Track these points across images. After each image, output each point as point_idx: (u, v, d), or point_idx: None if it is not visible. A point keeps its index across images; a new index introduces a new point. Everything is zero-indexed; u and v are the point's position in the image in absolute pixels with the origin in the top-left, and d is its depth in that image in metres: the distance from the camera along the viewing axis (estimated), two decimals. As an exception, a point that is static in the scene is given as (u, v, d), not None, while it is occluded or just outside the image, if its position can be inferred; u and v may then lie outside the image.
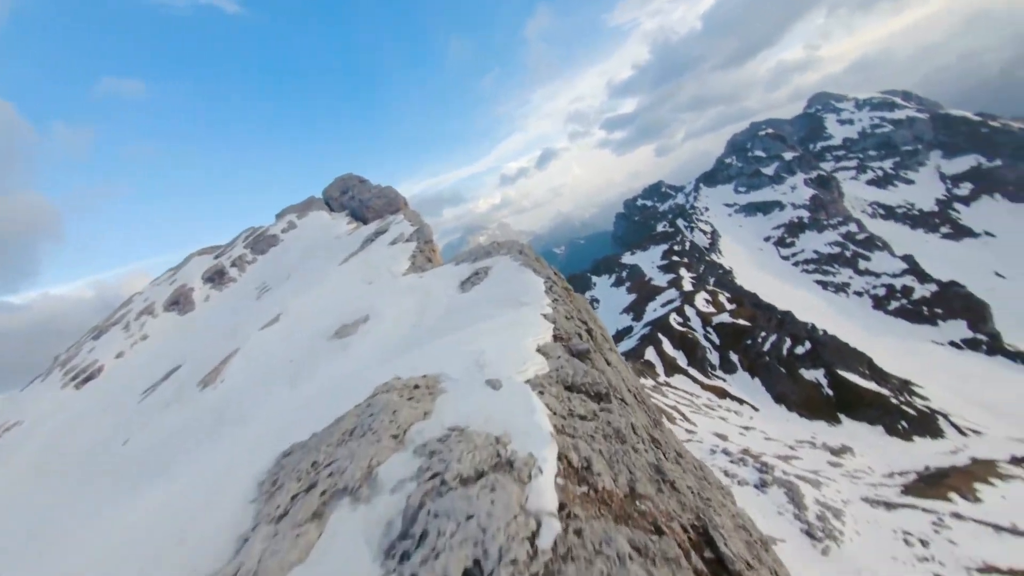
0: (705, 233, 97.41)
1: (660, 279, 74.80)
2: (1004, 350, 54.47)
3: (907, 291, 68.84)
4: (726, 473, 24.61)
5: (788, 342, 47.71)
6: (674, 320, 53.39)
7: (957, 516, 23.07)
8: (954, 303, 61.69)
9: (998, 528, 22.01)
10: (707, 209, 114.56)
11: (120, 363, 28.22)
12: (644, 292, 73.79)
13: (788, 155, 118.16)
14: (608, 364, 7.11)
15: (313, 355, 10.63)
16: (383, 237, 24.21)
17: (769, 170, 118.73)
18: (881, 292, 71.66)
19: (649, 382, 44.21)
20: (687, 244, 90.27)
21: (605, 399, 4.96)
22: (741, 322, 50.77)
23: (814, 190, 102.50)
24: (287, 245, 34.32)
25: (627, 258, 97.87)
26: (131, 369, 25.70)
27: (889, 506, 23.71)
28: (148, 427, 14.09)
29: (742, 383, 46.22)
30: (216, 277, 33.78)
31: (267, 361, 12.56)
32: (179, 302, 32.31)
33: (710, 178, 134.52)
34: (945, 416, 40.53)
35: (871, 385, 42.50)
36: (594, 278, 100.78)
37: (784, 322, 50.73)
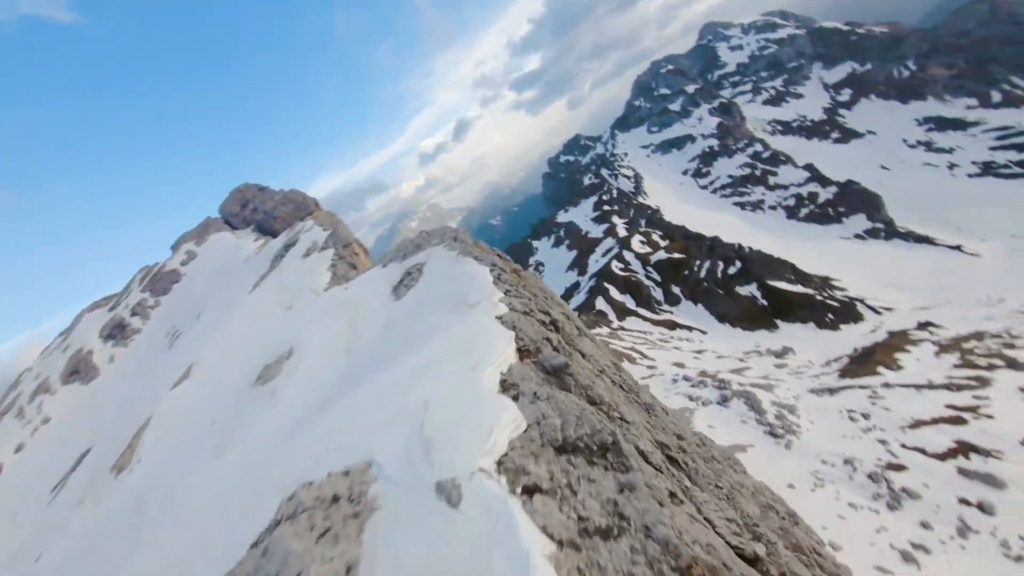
0: (628, 178, 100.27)
1: (596, 231, 76.45)
2: (898, 233, 61.72)
3: (813, 197, 75.45)
4: (690, 397, 25.85)
5: (720, 265, 50.78)
6: (616, 267, 54.91)
7: (886, 385, 25.96)
8: (853, 200, 68.60)
9: (919, 387, 25.04)
10: (626, 154, 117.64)
11: (21, 458, 24.20)
12: (584, 246, 75.20)
13: (690, 88, 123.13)
14: (584, 357, 6.19)
15: (238, 411, 8.96)
16: (294, 250, 21.52)
17: (675, 106, 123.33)
18: (791, 202, 78.02)
19: (604, 330, 45.48)
20: (614, 192, 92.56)
21: (614, 451, 3.42)
22: (676, 256, 53.26)
23: (719, 118, 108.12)
24: (191, 279, 30.50)
25: (562, 216, 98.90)
26: (35, 463, 22.03)
27: (832, 391, 26.16)
28: (63, 533, 11.83)
29: (687, 312, 48.88)
30: (116, 332, 29.54)
31: (185, 428, 10.67)
32: (78, 370, 28.01)
33: (623, 123, 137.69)
34: (861, 301, 45.40)
35: (797, 288, 46.46)
36: (535, 243, 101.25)
37: (714, 247, 53.81)
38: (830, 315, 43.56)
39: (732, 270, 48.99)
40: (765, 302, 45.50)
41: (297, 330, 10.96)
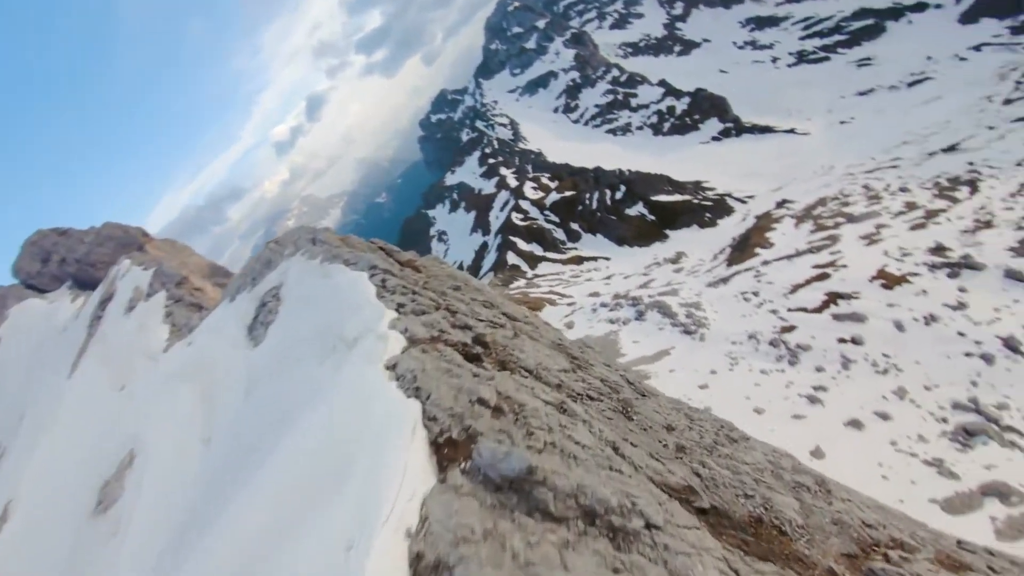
0: (505, 126, 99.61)
1: (487, 187, 75.71)
2: (746, 128, 69.91)
3: (671, 110, 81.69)
4: (610, 321, 27.37)
5: (608, 193, 53.52)
6: (516, 219, 55.26)
7: (765, 263, 29.82)
8: (703, 106, 75.61)
9: (789, 257, 29.13)
10: (496, 102, 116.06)
11: None
12: (481, 205, 74.33)
13: (541, 23, 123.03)
14: (536, 378, 4.49)
15: (73, 561, 6.41)
16: (112, 306, 16.05)
17: (531, 44, 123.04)
18: (654, 120, 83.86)
19: (521, 282, 46.14)
20: (495, 143, 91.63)
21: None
22: (568, 194, 54.99)
23: (574, 49, 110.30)
24: (-1, 372, 23.77)
25: (450, 179, 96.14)
26: None
27: (724, 280, 29.38)
28: None
29: (589, 244, 51.36)
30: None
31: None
32: None
33: (485, 70, 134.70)
34: (729, 195, 51.16)
35: (676, 197, 50.84)
36: (430, 213, 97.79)
37: (598, 178, 56.36)
38: (707, 214, 48.64)
39: (619, 195, 51.97)
40: (653, 217, 49.32)
41: (137, 421, 8.30)
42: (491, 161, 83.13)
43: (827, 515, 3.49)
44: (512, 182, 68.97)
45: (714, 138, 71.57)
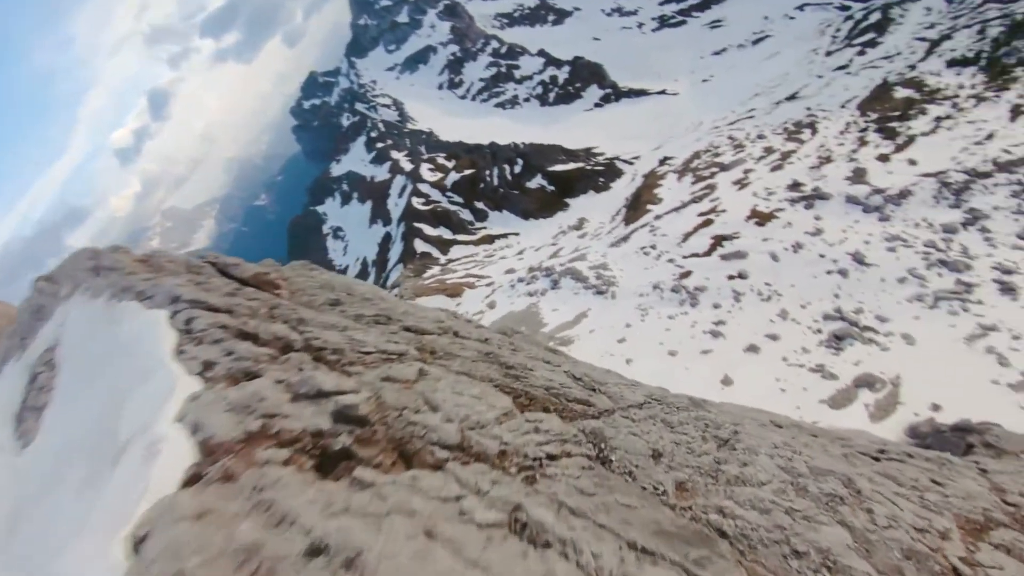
0: (389, 107, 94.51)
1: (380, 173, 71.66)
2: (624, 93, 74.18)
3: (554, 80, 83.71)
4: (529, 294, 27.72)
5: (507, 168, 53.70)
6: (417, 203, 53.17)
7: (657, 217, 32.16)
8: (583, 73, 78.60)
9: (677, 209, 31.68)
10: (375, 82, 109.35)
11: None
12: (376, 193, 70.24)
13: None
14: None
15: None
16: None
17: (403, 17, 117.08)
18: (539, 90, 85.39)
19: (435, 269, 44.81)
20: (380, 126, 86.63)
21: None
22: (467, 172, 54.13)
23: (449, 22, 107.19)
24: None
25: (336, 169, 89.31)
26: None
27: (624, 239, 31.20)
28: None
29: (497, 221, 51.43)
30: None
31: None
32: None
33: (356, 48, 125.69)
34: (617, 158, 54.22)
35: (571, 166, 52.66)
36: (320, 209, 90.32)
37: (495, 153, 56.20)
38: (601, 179, 51.19)
39: (517, 169, 52.42)
40: (552, 187, 50.70)
41: None
42: (379, 145, 78.61)
43: (888, 545, 2.60)
44: (406, 165, 66.04)
45: (596, 104, 75.01)
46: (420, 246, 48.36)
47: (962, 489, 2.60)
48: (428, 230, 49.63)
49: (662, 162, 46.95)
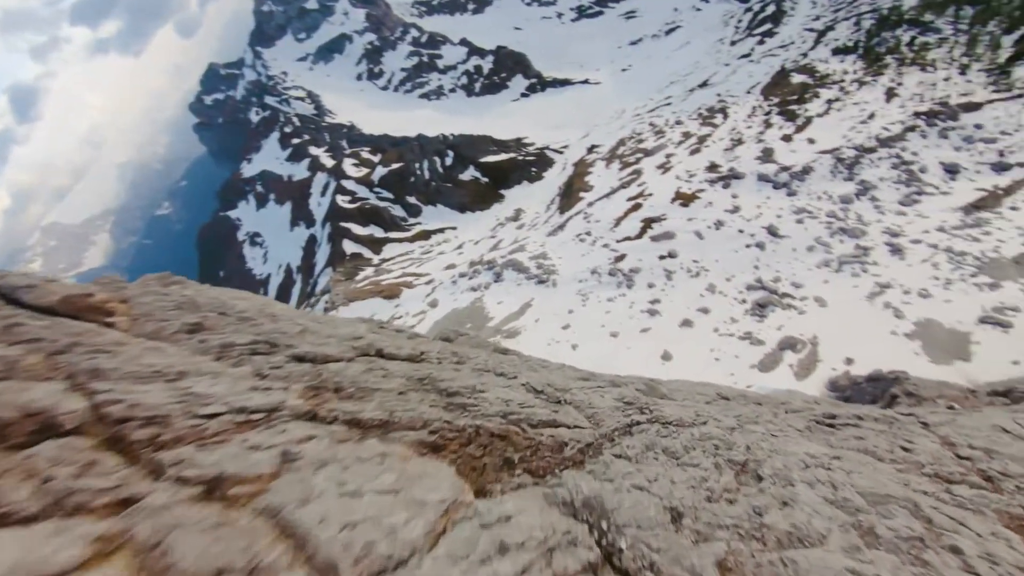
0: (303, 100, 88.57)
1: (298, 171, 67.02)
2: (549, 82, 75.18)
3: (478, 70, 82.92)
4: (473, 289, 27.25)
5: (437, 160, 52.41)
6: (343, 202, 50.34)
7: (590, 204, 32.92)
8: (507, 63, 78.58)
9: (608, 195, 32.61)
10: (286, 74, 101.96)
11: None
12: (295, 194, 65.64)
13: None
14: None
15: None
16: None
17: (311, 3, 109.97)
18: (465, 80, 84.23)
19: (368, 271, 42.76)
20: (295, 121, 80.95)
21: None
22: (395, 166, 52.11)
23: (363, 8, 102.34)
24: None
25: (249, 169, 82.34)
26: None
27: (561, 227, 31.61)
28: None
29: (432, 216, 50.13)
30: None
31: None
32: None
33: (261, 37, 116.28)
34: (547, 148, 54.89)
35: (502, 156, 52.53)
36: (233, 214, 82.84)
37: (423, 146, 54.63)
38: (533, 169, 51.59)
39: (448, 161, 51.34)
40: (486, 179, 50.28)
41: None
42: (295, 141, 73.49)
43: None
44: (327, 162, 62.31)
45: (522, 94, 75.43)
46: (349, 247, 45.90)
47: (927, 451, 2.62)
48: (357, 229, 47.21)
49: (590, 150, 48.17)
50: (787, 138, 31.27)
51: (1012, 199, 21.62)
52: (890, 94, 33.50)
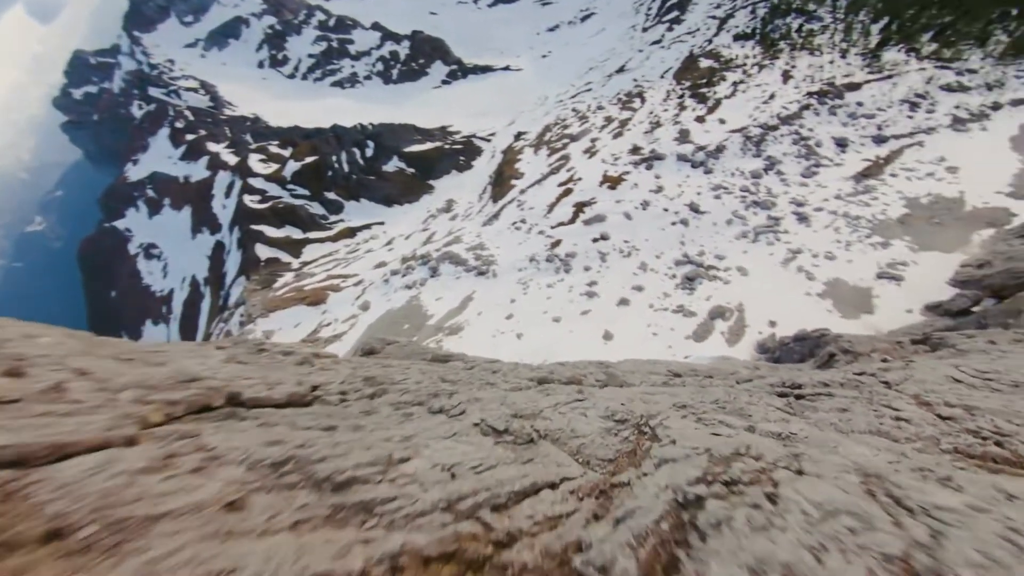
0: (196, 91, 79.75)
1: (196, 171, 60.29)
2: (470, 69, 73.91)
3: (394, 56, 79.53)
4: (407, 287, 26.09)
5: (356, 151, 49.60)
6: (251, 202, 46.03)
7: (522, 191, 32.81)
8: (425, 49, 76.07)
9: (539, 182, 32.68)
10: (172, 62, 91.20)
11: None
12: (194, 196, 59.05)
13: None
14: None
15: None
16: None
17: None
18: (380, 67, 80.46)
19: (288, 276, 39.57)
20: (187, 114, 72.66)
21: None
22: (309, 160, 48.49)
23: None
24: None
25: (135, 172, 72.80)
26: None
27: (495, 216, 31.24)
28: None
29: (356, 212, 47.46)
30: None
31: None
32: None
33: (139, 21, 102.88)
34: (474, 136, 54.05)
35: (427, 145, 50.93)
36: (121, 225, 72.97)
37: (340, 137, 51.42)
38: (461, 157, 50.60)
39: (369, 152, 48.76)
40: (412, 169, 48.46)
41: None
42: (189, 137, 66.06)
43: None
44: (230, 158, 56.70)
45: (444, 81, 73.60)
46: (264, 252, 42.19)
47: (922, 420, 2.50)
48: (271, 232, 43.47)
49: (517, 137, 48.10)
50: (700, 119, 33.12)
51: (891, 167, 24.54)
52: (786, 76, 36.63)
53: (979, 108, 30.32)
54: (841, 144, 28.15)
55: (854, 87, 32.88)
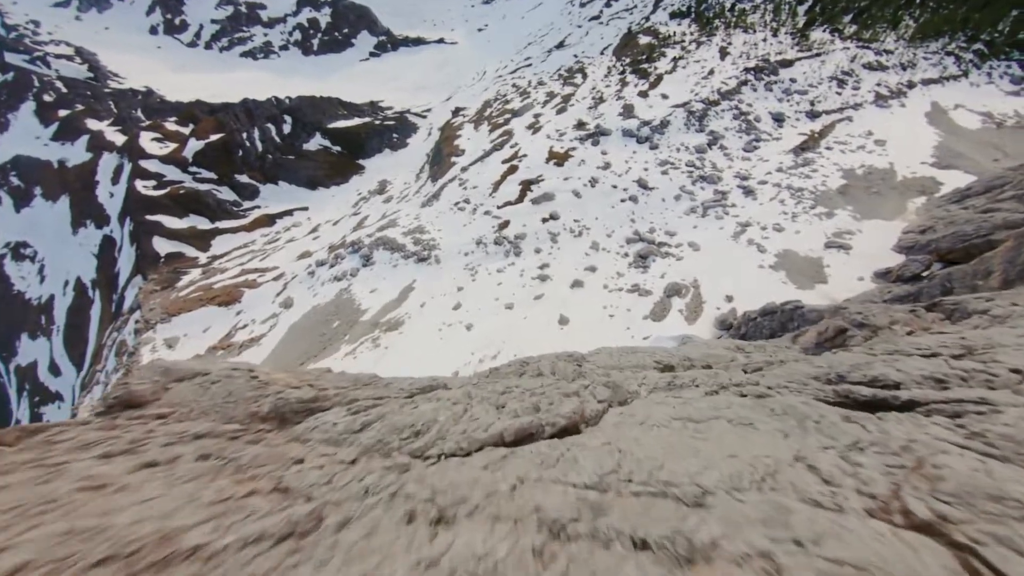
0: (70, 59, 69.38)
1: (73, 153, 52.37)
2: (400, 41, 70.10)
3: (314, 24, 73.80)
4: (336, 279, 23.96)
5: (271, 128, 45.32)
6: (144, 188, 40.60)
7: (463, 169, 31.33)
8: (350, 18, 71.15)
9: (481, 159, 31.32)
10: (36, 24, 78.72)
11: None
12: (73, 183, 51.35)
13: None
14: None
15: None
16: None
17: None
18: (298, 36, 74.39)
19: (194, 273, 35.38)
20: (59, 85, 62.96)
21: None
22: (214, 138, 43.50)
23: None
24: None
25: (-7, 156, 62.16)
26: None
27: (435, 196, 29.57)
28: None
29: (274, 196, 43.45)
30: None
31: None
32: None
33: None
34: (408, 112, 51.35)
35: (355, 121, 47.66)
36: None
37: (250, 111, 46.70)
38: (395, 135, 47.89)
39: (286, 128, 44.67)
40: (338, 148, 45.09)
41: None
42: (63, 113, 57.36)
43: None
44: (116, 138, 49.82)
45: (372, 53, 69.47)
46: (164, 246, 37.44)
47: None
48: (171, 222, 38.65)
49: (456, 113, 46.23)
50: (643, 94, 33.26)
51: (826, 140, 25.84)
52: (723, 52, 37.73)
53: (896, 86, 32.90)
54: (778, 119, 29.35)
55: (787, 64, 34.47)
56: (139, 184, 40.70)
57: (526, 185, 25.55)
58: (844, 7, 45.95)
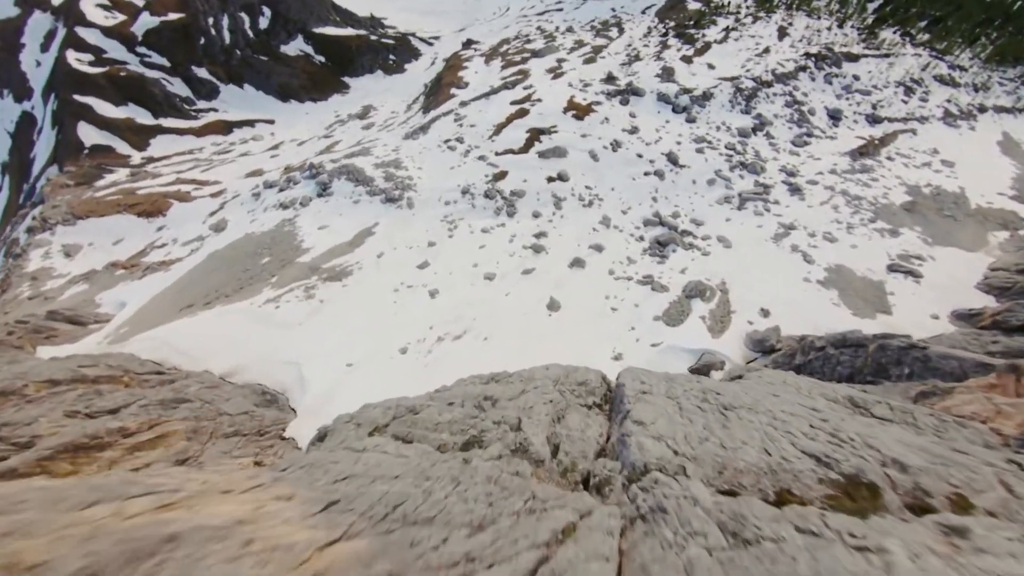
0: None
1: None
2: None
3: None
4: (282, 205, 20.69)
5: (244, 17, 40.30)
6: (77, 61, 35.52)
7: (463, 104, 27.95)
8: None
9: (487, 95, 27.97)
10: None
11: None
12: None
13: None
14: None
15: None
16: None
17: None
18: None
19: (119, 174, 31.21)
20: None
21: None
22: (173, 17, 38.33)
23: None
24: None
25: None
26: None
27: (424, 129, 26.28)
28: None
29: (237, 99, 38.93)
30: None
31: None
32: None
33: None
34: (412, 35, 46.90)
35: (348, 31, 43.07)
36: None
37: (228, -3, 41.43)
38: (392, 56, 43.58)
39: (263, 23, 39.79)
40: (323, 58, 40.59)
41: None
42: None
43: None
44: (59, -1, 43.80)
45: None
46: (91, 135, 32.88)
47: None
48: (105, 108, 33.95)
49: (467, 45, 42.19)
50: (687, 59, 30.20)
51: (887, 150, 23.49)
52: (782, 32, 34.75)
53: (967, 107, 30.72)
54: (835, 117, 26.83)
55: (852, 58, 31.78)
56: (71, 55, 35.61)
57: (535, 134, 22.50)
58: (919, 12, 43.37)
